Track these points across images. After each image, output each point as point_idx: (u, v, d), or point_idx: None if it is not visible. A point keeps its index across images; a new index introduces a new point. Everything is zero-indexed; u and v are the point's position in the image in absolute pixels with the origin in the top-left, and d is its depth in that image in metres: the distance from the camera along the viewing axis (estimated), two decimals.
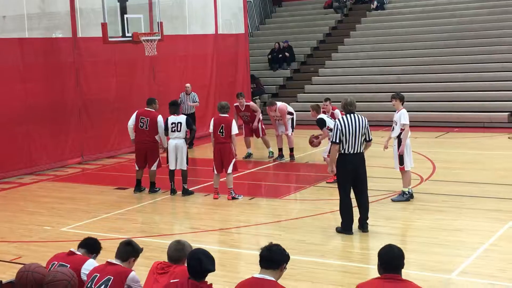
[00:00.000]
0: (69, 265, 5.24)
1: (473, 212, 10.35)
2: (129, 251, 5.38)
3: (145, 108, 12.49)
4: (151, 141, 12.32)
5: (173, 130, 12.08)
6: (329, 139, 11.84)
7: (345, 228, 9.35)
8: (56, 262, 5.41)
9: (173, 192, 12.29)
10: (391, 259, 4.57)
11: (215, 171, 11.83)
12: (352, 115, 9.24)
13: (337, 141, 9.15)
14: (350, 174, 9.28)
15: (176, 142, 12.08)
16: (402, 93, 11.48)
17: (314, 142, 12.78)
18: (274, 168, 15.05)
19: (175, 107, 12.33)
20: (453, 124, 19.78)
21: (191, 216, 11.26)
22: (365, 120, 9.30)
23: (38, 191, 13.34)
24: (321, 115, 12.61)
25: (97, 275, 5.13)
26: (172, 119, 12.14)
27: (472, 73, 21.33)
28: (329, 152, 12.46)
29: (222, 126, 11.69)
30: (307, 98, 22.63)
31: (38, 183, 14.10)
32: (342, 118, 9.30)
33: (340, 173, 9.43)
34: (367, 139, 9.31)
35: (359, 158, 9.28)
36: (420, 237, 9.22)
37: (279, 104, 15.34)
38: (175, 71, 18.91)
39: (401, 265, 4.59)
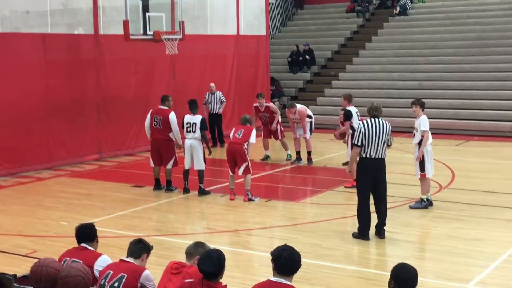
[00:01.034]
0: (81, 261, 5.21)
1: (491, 222, 10.21)
2: (141, 248, 5.36)
3: (159, 106, 12.51)
4: (165, 139, 12.32)
5: (188, 130, 12.10)
6: (351, 140, 11.89)
7: (361, 233, 9.26)
8: (69, 259, 5.37)
9: (186, 191, 12.30)
10: (407, 279, 4.44)
11: (230, 172, 11.82)
12: (376, 119, 9.14)
13: (359, 144, 9.04)
14: (370, 179, 9.15)
15: (191, 142, 12.06)
16: (422, 100, 11.36)
17: (339, 137, 12.64)
18: (291, 171, 14.98)
19: (191, 106, 12.33)
20: (473, 132, 19.58)
21: (206, 216, 11.23)
22: (388, 125, 9.22)
23: (55, 186, 13.40)
24: (351, 108, 12.38)
25: (110, 272, 5.10)
26: (187, 118, 12.15)
27: (494, 81, 21.11)
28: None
29: (242, 130, 11.74)
30: (327, 102, 22.54)
31: (56, 178, 14.17)
32: (366, 121, 9.17)
33: (360, 178, 9.29)
34: (388, 143, 9.23)
35: (380, 163, 9.18)
36: (438, 245, 9.11)
37: (299, 106, 15.27)
38: (195, 71, 18.91)
39: (416, 284, 4.48)
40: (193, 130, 12.02)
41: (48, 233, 9.86)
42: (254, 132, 11.84)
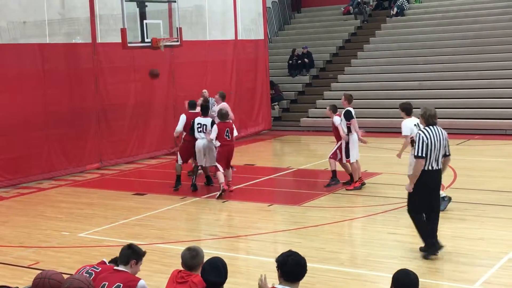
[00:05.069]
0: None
1: (495, 221, 10.17)
2: (128, 254, 5.28)
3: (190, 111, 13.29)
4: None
5: (199, 131, 12.78)
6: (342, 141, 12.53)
7: (431, 248, 8.44)
8: (107, 283, 5.15)
9: (193, 186, 12.93)
10: (407, 285, 4.40)
11: (221, 169, 12.37)
12: (434, 127, 8.35)
13: (424, 155, 8.16)
14: (430, 192, 8.40)
15: (204, 142, 12.69)
16: (407, 103, 11.27)
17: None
18: (293, 174, 14.94)
19: (202, 109, 13.04)
20: (474, 131, 19.54)
21: (209, 222, 11.19)
22: (445, 133, 8.48)
23: (56, 196, 13.36)
24: (350, 108, 12.67)
25: (106, 284, 5.04)
26: (198, 120, 12.83)
27: (494, 79, 21.08)
28: (347, 156, 12.49)
29: (228, 129, 12.49)
30: (326, 104, 22.37)
31: (57, 188, 14.13)
32: (426, 130, 8.34)
33: (420, 191, 8.35)
34: (447, 153, 8.44)
35: (440, 174, 8.45)
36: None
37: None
38: (194, 77, 18.89)
39: None
40: (204, 130, 12.71)
41: (50, 243, 9.82)
42: (234, 127, 12.80)
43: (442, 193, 10.91)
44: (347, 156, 12.59)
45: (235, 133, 12.88)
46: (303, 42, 25.76)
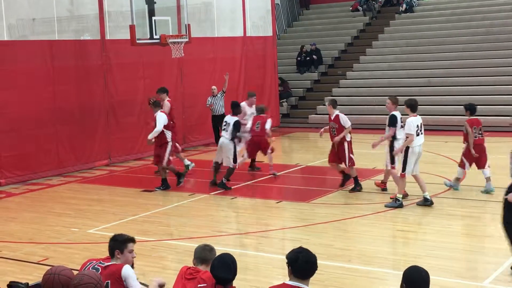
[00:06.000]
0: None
1: None
2: (112, 246, 5.32)
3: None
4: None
5: (223, 128, 13.13)
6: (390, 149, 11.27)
7: None
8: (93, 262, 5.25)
9: (212, 183, 12.95)
10: (418, 283, 4.36)
11: (245, 155, 13.69)
12: None
13: None
14: None
15: (223, 140, 12.96)
16: (413, 100, 11.04)
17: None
18: (301, 171, 14.93)
19: (232, 107, 13.30)
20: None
21: (218, 219, 11.20)
22: None
23: (66, 192, 13.41)
24: (396, 113, 11.30)
25: None
26: (226, 118, 13.24)
27: (504, 76, 20.97)
28: (392, 162, 11.28)
29: (258, 122, 13.54)
30: None
31: (66, 184, 14.18)
32: None
33: None
34: None
35: None
36: (451, 243, 9.03)
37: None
38: (203, 74, 18.90)
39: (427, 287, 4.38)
40: (227, 129, 12.91)
41: (60, 240, 9.86)
42: (269, 120, 13.72)
43: (426, 194, 10.78)
44: (392, 162, 11.29)
45: (268, 125, 13.60)
46: (312, 39, 25.70)
